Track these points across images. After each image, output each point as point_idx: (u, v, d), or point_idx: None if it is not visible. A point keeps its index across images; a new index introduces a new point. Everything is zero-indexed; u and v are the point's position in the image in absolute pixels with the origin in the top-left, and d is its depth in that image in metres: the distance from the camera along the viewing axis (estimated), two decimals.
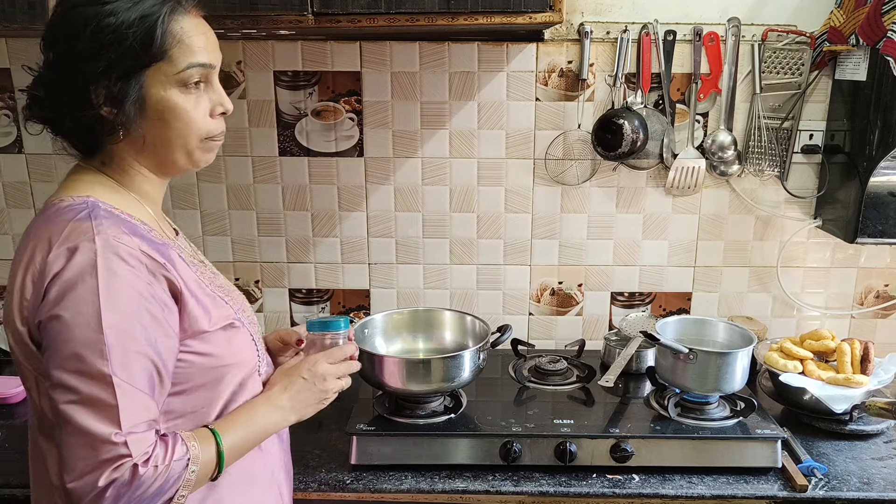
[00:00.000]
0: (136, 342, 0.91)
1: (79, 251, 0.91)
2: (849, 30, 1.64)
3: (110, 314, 0.89)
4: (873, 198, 1.66)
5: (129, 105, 0.96)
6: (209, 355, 1.03)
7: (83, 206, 0.97)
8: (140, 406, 0.90)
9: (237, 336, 1.08)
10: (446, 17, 1.35)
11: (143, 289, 0.93)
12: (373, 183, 1.88)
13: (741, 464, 1.46)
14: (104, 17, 0.94)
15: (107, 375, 0.88)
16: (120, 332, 0.90)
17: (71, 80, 0.96)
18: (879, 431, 1.62)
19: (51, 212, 0.98)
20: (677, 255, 1.92)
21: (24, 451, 1.52)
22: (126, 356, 0.90)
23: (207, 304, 1.04)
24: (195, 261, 1.12)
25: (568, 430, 1.47)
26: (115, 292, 0.90)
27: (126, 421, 0.88)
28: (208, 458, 0.98)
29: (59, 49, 0.97)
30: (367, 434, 1.46)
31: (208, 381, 1.04)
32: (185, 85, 0.99)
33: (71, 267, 0.90)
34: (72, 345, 0.89)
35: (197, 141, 1.03)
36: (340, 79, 1.81)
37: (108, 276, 0.90)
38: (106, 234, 0.92)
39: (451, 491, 1.41)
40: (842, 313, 1.96)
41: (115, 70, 0.95)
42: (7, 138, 1.85)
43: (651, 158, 1.83)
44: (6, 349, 2.01)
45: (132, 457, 0.88)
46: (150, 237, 1.00)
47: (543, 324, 1.99)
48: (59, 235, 0.92)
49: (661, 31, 1.74)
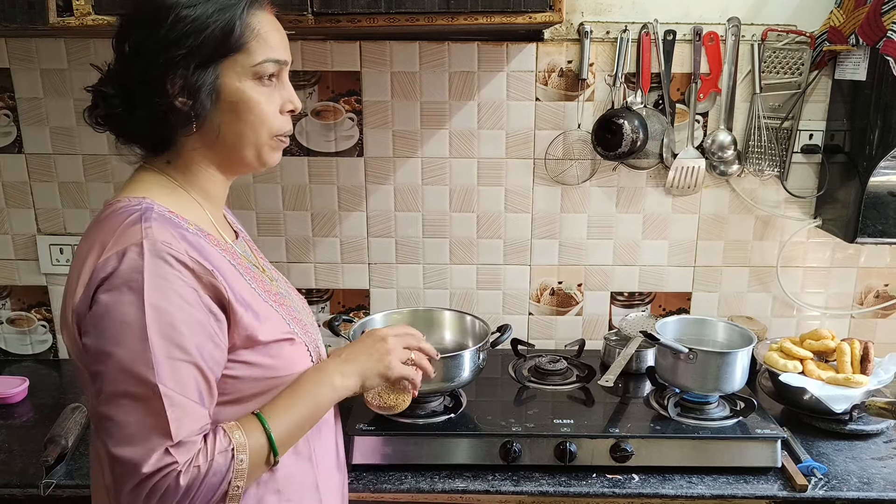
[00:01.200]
0: (183, 350, 0.90)
1: (126, 255, 0.90)
2: (849, 30, 1.64)
3: (156, 322, 0.88)
4: (873, 197, 1.66)
5: (205, 95, 0.96)
6: (262, 366, 1.00)
7: (137, 207, 0.96)
8: (190, 415, 0.89)
9: (292, 349, 1.05)
10: (446, 17, 1.35)
11: (190, 295, 0.92)
12: (373, 183, 1.88)
13: (741, 463, 1.46)
14: (182, 8, 0.94)
15: (154, 386, 0.87)
16: (166, 340, 0.89)
17: (147, 70, 0.95)
18: (879, 431, 1.62)
19: (107, 213, 0.97)
20: (677, 255, 1.92)
21: (25, 451, 1.53)
22: (173, 364, 0.89)
23: (262, 314, 1.01)
24: (252, 266, 1.09)
25: (568, 429, 1.47)
26: (161, 298, 0.89)
27: (176, 432, 0.87)
28: (257, 443, 0.96)
29: (137, 38, 0.96)
30: (367, 434, 1.46)
31: (261, 392, 1.01)
32: (260, 78, 0.99)
33: (118, 273, 0.89)
34: (118, 354, 0.88)
35: (267, 137, 1.03)
36: (340, 79, 1.81)
37: (155, 282, 0.89)
38: (154, 238, 0.91)
39: (451, 491, 1.41)
40: (842, 313, 1.96)
41: (193, 58, 0.94)
42: (7, 138, 1.85)
43: (651, 158, 1.83)
44: (6, 349, 2.01)
45: (178, 464, 0.87)
46: (201, 244, 0.98)
47: (543, 324, 1.99)
48: (111, 239, 0.92)
49: (661, 31, 1.74)
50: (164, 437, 0.87)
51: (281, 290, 1.14)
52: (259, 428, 0.97)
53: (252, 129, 1.01)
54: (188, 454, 0.88)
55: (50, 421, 1.56)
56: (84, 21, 1.35)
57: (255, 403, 1.01)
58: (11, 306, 1.97)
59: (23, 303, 1.97)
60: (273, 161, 1.06)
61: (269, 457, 0.98)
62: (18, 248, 1.93)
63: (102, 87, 0.99)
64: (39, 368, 1.95)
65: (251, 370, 1.00)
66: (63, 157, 1.86)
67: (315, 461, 1.11)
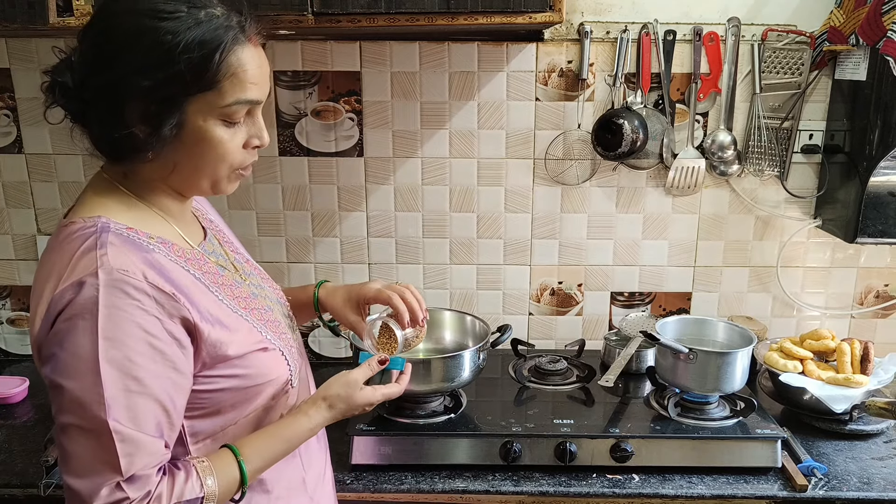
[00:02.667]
0: (140, 383, 0.87)
1: (83, 287, 0.86)
2: (849, 29, 1.64)
3: (111, 354, 0.85)
4: (873, 198, 1.66)
5: (166, 130, 0.90)
6: (237, 377, 0.99)
7: (92, 230, 0.91)
8: (143, 450, 0.87)
9: (266, 356, 1.03)
10: (446, 17, 1.35)
11: (150, 324, 0.88)
12: (373, 183, 1.88)
13: (741, 464, 1.46)
14: (162, 33, 0.87)
15: (104, 423, 0.84)
16: (121, 373, 0.86)
17: (106, 89, 0.89)
18: (879, 431, 1.62)
19: (62, 237, 0.93)
20: (677, 255, 1.92)
21: (25, 451, 1.53)
22: (129, 399, 0.86)
23: (231, 326, 0.98)
24: (221, 267, 1.06)
25: (568, 429, 1.47)
26: (117, 330, 0.86)
27: (127, 467, 0.85)
28: (226, 486, 0.95)
29: (103, 51, 0.89)
30: (367, 434, 1.46)
31: (239, 402, 1.01)
32: (228, 117, 0.93)
33: (74, 304, 0.85)
34: (69, 387, 0.85)
35: (227, 171, 0.98)
36: (340, 79, 1.81)
37: (110, 313, 0.85)
38: (109, 267, 0.87)
39: (451, 491, 1.41)
40: (842, 313, 1.96)
41: (158, 91, 0.88)
42: (7, 138, 1.85)
43: (651, 158, 1.83)
44: (6, 349, 2.01)
45: (130, 500, 0.85)
46: (162, 264, 0.93)
47: (543, 324, 1.99)
48: (66, 268, 0.88)
49: (661, 31, 1.74)
50: (114, 471, 0.85)
51: (253, 289, 1.11)
52: (234, 468, 0.97)
53: (210, 166, 0.96)
54: (142, 489, 0.86)
55: (50, 421, 1.55)
56: (84, 21, 1.34)
57: (236, 412, 1.01)
58: (11, 306, 1.97)
59: (23, 303, 1.97)
60: (229, 191, 1.02)
61: (236, 494, 0.98)
62: (18, 248, 1.93)
63: (59, 76, 0.91)
64: None
65: (226, 382, 0.98)
66: (63, 157, 1.86)
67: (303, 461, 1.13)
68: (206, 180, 0.99)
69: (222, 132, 0.94)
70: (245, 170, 1.02)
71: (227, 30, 0.91)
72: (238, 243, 1.24)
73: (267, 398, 1.04)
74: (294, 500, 1.12)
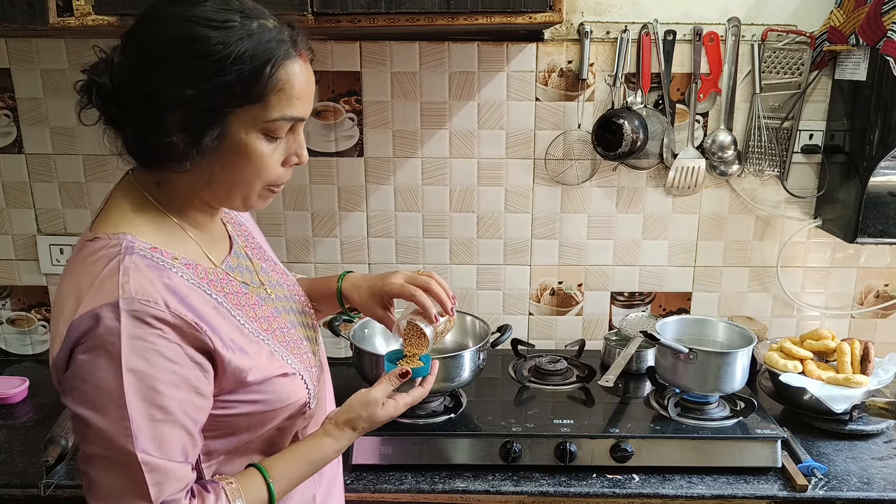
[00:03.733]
0: (165, 411, 0.86)
1: (102, 318, 0.84)
2: (849, 30, 1.64)
3: (135, 386, 0.84)
4: (873, 198, 1.66)
5: (207, 140, 0.88)
6: (256, 402, 0.97)
7: (115, 249, 0.88)
8: (172, 476, 0.87)
9: (287, 381, 1.01)
10: (446, 17, 1.35)
11: (172, 352, 0.87)
12: (373, 183, 1.88)
13: (741, 464, 1.46)
14: (213, 43, 0.85)
15: (132, 455, 0.84)
16: (147, 403, 0.85)
17: (148, 95, 0.86)
18: (879, 431, 1.62)
19: (85, 253, 0.90)
20: (677, 255, 1.92)
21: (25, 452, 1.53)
22: (155, 428, 0.85)
23: (252, 353, 0.97)
24: (244, 284, 1.04)
25: (568, 430, 1.47)
26: (140, 360, 0.84)
27: (157, 495, 0.85)
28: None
29: (148, 55, 0.86)
30: (367, 434, 1.45)
31: (254, 424, 1.00)
32: (271, 133, 0.91)
33: (95, 335, 0.84)
34: (95, 420, 0.85)
35: (261, 187, 0.96)
36: (340, 79, 1.81)
37: (132, 343, 0.84)
38: (131, 296, 0.84)
39: (451, 491, 1.41)
40: (842, 313, 1.96)
41: (204, 101, 0.86)
42: (7, 138, 1.85)
43: (651, 158, 1.83)
44: (6, 349, 2.01)
45: None
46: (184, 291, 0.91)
47: (543, 324, 1.99)
48: (87, 292, 0.85)
49: (661, 31, 1.74)
50: (142, 499, 0.85)
51: (277, 304, 1.10)
52: (263, 489, 0.97)
53: (246, 181, 0.94)
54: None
55: (50, 421, 1.56)
56: (84, 21, 1.35)
57: (248, 434, 1.00)
58: (12, 306, 1.97)
59: (23, 303, 1.97)
60: (260, 207, 1.00)
61: None
62: (18, 248, 1.93)
63: (98, 76, 0.89)
64: (39, 368, 1.94)
65: (245, 407, 0.97)
66: (63, 157, 1.86)
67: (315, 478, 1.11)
68: (240, 195, 0.96)
69: (263, 147, 0.92)
70: (277, 187, 0.99)
71: (280, 43, 0.89)
72: (266, 245, 1.22)
73: (283, 419, 1.03)
74: None
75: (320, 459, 1.05)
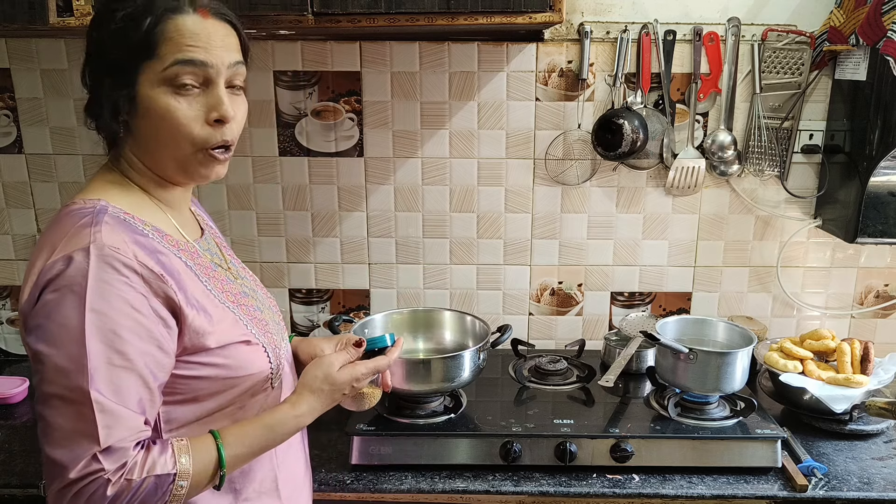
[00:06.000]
0: (124, 357, 0.89)
1: (73, 259, 0.89)
2: (849, 29, 1.64)
3: (97, 327, 0.87)
4: (873, 197, 1.66)
5: (122, 102, 0.96)
6: (216, 366, 1.00)
7: (90, 209, 0.95)
8: (122, 423, 0.88)
9: (248, 349, 1.04)
10: (446, 17, 1.35)
11: (136, 300, 0.90)
12: (373, 183, 1.88)
13: (741, 464, 1.46)
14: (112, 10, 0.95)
15: (86, 392, 0.86)
16: (106, 346, 0.88)
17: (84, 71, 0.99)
18: (879, 431, 1.62)
19: (61, 214, 0.96)
20: (677, 255, 1.92)
21: (25, 451, 1.53)
22: (112, 372, 0.88)
23: (215, 316, 1.00)
24: (215, 265, 1.08)
25: (568, 430, 1.47)
26: (104, 303, 0.88)
27: (105, 438, 0.86)
28: (202, 469, 0.95)
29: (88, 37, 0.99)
30: (368, 434, 1.46)
31: (217, 391, 1.01)
32: (174, 84, 0.95)
33: (64, 276, 0.88)
34: (54, 356, 0.87)
35: (190, 149, 0.98)
36: (340, 79, 1.81)
37: (98, 286, 0.88)
38: (101, 243, 0.90)
39: (452, 491, 1.41)
40: (842, 313, 1.96)
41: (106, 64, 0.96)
42: (7, 138, 1.85)
43: (651, 158, 1.83)
44: (6, 349, 2.01)
45: (105, 471, 0.86)
46: (154, 247, 0.96)
47: (543, 324, 1.99)
48: (60, 242, 0.91)
49: (661, 31, 1.74)
50: (92, 442, 0.86)
51: (245, 288, 1.12)
52: (212, 452, 0.96)
53: (170, 141, 0.97)
54: (117, 462, 0.87)
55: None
56: (84, 21, 1.35)
57: (213, 402, 1.01)
58: (11, 306, 1.97)
59: None
60: (209, 176, 1.02)
61: (213, 481, 0.97)
62: (19, 248, 1.93)
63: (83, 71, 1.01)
64: None
65: (205, 370, 0.99)
66: (63, 157, 1.86)
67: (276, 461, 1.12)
68: (172, 159, 1.00)
69: (172, 101, 0.95)
70: (216, 151, 1.00)
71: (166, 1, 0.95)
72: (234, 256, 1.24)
73: (244, 392, 1.04)
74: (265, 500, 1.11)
75: (278, 424, 1.04)
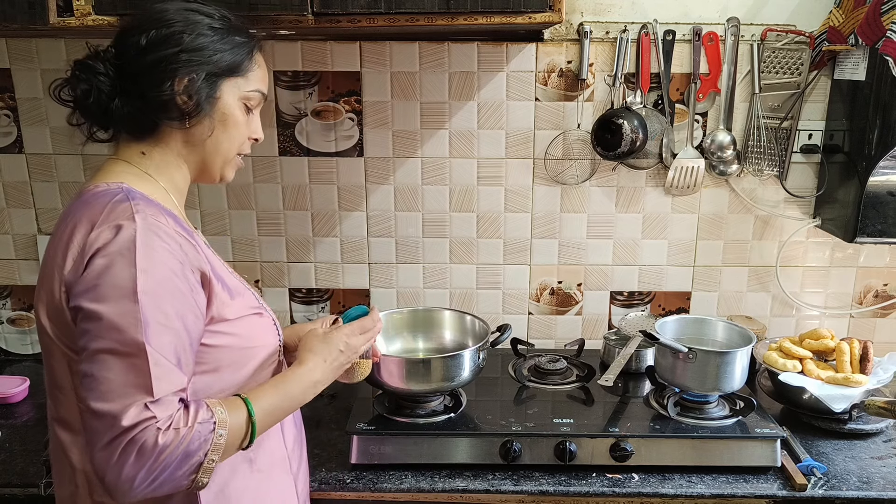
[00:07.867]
0: (167, 316, 0.94)
1: (122, 228, 0.95)
2: (848, 29, 1.64)
3: (146, 287, 0.93)
4: (872, 197, 1.67)
5: (204, 100, 1.06)
6: (235, 336, 1.07)
7: (118, 190, 1.02)
8: (170, 376, 0.93)
9: (260, 321, 1.14)
10: (446, 17, 1.36)
11: (177, 267, 0.98)
12: (373, 183, 1.88)
13: (741, 463, 1.46)
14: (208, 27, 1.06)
15: (141, 343, 0.91)
16: (154, 305, 0.93)
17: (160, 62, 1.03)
18: (878, 430, 1.62)
19: (87, 196, 1.02)
20: (677, 255, 1.93)
21: (25, 451, 1.53)
22: (157, 328, 0.93)
23: (234, 290, 1.09)
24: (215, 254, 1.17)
25: (568, 429, 1.47)
26: (151, 267, 0.94)
27: (157, 389, 0.91)
28: (237, 422, 0.99)
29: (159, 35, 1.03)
30: (367, 433, 1.46)
31: (235, 362, 1.08)
32: (247, 105, 1.12)
33: (114, 242, 0.94)
34: (108, 313, 0.92)
35: (233, 155, 1.15)
36: (340, 79, 1.81)
37: (146, 252, 0.94)
38: (144, 213, 0.98)
39: (451, 490, 1.41)
40: (841, 313, 1.96)
41: (206, 67, 1.05)
42: (7, 138, 1.85)
43: (650, 158, 1.83)
44: (6, 349, 2.01)
45: (157, 419, 0.89)
46: (182, 223, 1.06)
47: (543, 323, 1.99)
48: (100, 216, 0.97)
49: (661, 31, 1.74)
50: (144, 392, 0.90)
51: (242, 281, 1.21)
52: (244, 410, 1.01)
53: (230, 143, 1.12)
54: (166, 412, 0.91)
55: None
56: (84, 21, 1.35)
57: (230, 373, 1.08)
58: (12, 306, 1.97)
59: (23, 303, 1.97)
60: (228, 177, 1.17)
61: (245, 440, 1.01)
62: (19, 247, 1.93)
63: (92, 61, 1.04)
64: (40, 368, 1.92)
65: (226, 339, 1.06)
66: (63, 157, 1.87)
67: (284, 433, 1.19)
68: (220, 160, 1.13)
69: (240, 115, 1.12)
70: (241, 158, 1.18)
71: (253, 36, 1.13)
72: None
73: (259, 365, 1.12)
74: (277, 476, 1.17)
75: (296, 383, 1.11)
